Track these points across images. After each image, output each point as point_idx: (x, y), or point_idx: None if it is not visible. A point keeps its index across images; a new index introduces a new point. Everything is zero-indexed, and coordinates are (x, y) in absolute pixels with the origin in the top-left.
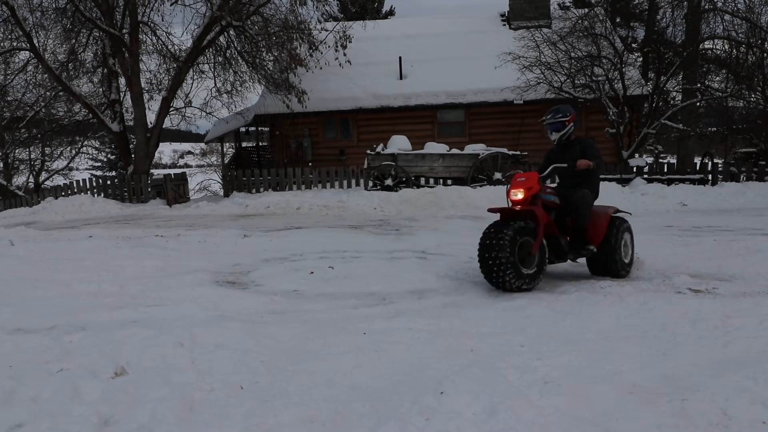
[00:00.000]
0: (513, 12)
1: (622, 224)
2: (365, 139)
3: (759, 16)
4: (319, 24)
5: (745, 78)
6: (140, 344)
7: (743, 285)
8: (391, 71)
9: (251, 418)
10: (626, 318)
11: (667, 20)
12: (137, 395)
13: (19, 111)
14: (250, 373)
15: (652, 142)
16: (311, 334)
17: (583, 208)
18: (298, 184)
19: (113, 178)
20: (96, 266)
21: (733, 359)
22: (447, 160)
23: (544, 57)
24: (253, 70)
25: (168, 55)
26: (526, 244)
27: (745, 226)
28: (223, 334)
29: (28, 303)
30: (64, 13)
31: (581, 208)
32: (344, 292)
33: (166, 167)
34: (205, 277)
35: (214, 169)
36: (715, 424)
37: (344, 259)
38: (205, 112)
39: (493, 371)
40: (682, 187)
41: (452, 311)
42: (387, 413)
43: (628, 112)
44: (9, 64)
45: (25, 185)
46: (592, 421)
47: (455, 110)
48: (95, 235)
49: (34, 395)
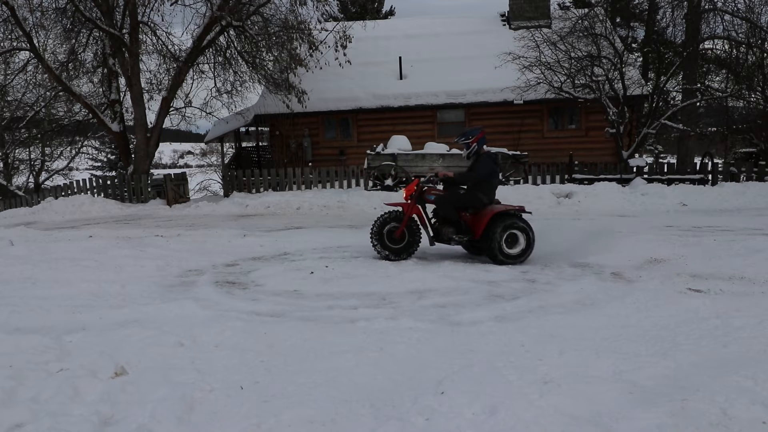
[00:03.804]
0: (513, 12)
1: (513, 222)
2: (365, 139)
3: (759, 16)
4: (319, 24)
5: (745, 78)
6: (140, 344)
7: (743, 285)
8: (391, 71)
9: (251, 418)
10: (626, 318)
11: (667, 20)
12: (137, 395)
13: (19, 111)
14: (250, 373)
15: (652, 142)
16: (311, 334)
17: (442, 207)
18: (298, 184)
19: (113, 178)
20: (96, 266)
21: (733, 359)
22: (447, 160)
23: (544, 57)
24: (253, 70)
25: (168, 55)
26: (394, 228)
27: (745, 226)
28: (223, 334)
29: (28, 303)
30: (64, 13)
31: (441, 207)
32: (344, 292)
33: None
34: (205, 277)
35: (214, 169)
36: (715, 424)
37: (344, 259)
38: (205, 112)
39: (493, 371)
40: (682, 187)
41: (452, 311)
42: (387, 413)
43: (628, 112)
44: (9, 64)
45: (25, 185)
46: (592, 421)
47: (455, 110)
48: (95, 235)
49: (34, 395)
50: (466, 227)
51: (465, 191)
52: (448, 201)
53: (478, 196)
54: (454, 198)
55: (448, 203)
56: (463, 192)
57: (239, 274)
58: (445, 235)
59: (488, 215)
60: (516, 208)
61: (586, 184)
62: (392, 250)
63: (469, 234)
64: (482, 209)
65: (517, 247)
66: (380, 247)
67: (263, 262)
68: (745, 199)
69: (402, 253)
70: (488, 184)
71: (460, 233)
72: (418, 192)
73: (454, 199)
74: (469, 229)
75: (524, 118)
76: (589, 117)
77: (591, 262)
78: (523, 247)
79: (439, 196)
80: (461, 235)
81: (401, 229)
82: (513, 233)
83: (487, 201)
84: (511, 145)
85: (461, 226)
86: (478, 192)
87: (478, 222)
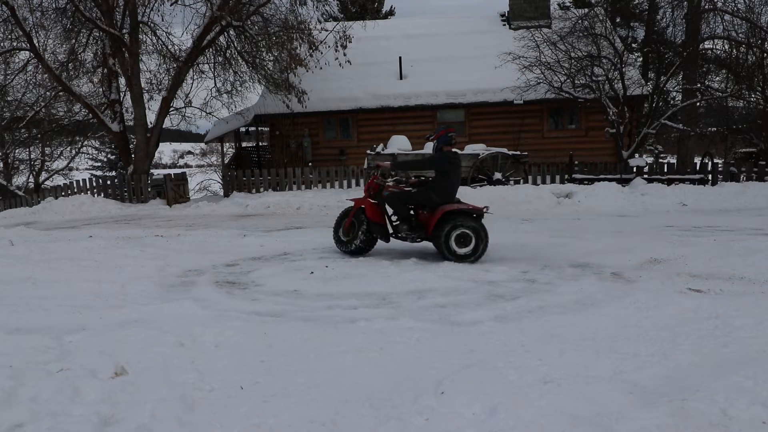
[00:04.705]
0: (513, 12)
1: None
2: (365, 139)
3: (759, 16)
4: (319, 24)
5: (745, 78)
6: (140, 344)
7: (743, 285)
8: (391, 71)
9: (251, 418)
10: (626, 318)
11: (667, 20)
12: (137, 395)
13: (19, 111)
14: (250, 373)
15: (652, 142)
16: (311, 334)
17: (392, 205)
18: (298, 184)
19: (113, 178)
20: (96, 266)
21: (733, 359)
22: None
23: (544, 57)
24: (253, 70)
25: (168, 55)
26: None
27: (745, 226)
28: (223, 334)
29: (28, 303)
30: (64, 13)
31: (392, 204)
32: (344, 292)
33: (166, 167)
34: (205, 277)
35: (214, 169)
36: (715, 424)
37: (344, 259)
38: (205, 112)
39: (493, 371)
40: (682, 187)
41: (452, 311)
42: (387, 413)
43: (628, 112)
44: (9, 64)
45: (25, 185)
46: (592, 421)
47: (455, 110)
48: (95, 235)
49: (34, 395)
50: (418, 224)
51: (417, 191)
52: (398, 199)
53: (430, 195)
54: (405, 196)
55: (398, 201)
56: (415, 191)
57: (239, 274)
58: (399, 231)
59: (438, 214)
60: (470, 208)
61: (586, 184)
62: (341, 242)
63: (421, 231)
64: (436, 208)
65: (467, 247)
66: (336, 239)
67: (263, 262)
68: (745, 199)
69: (349, 245)
70: (441, 185)
71: (413, 231)
72: (375, 188)
73: (404, 198)
74: (422, 226)
75: (524, 118)
76: (589, 117)
77: (591, 262)
78: (473, 247)
79: (391, 193)
80: (414, 233)
81: (348, 221)
82: (463, 232)
83: (440, 201)
84: (511, 145)
85: (412, 224)
86: (430, 192)
87: (430, 220)
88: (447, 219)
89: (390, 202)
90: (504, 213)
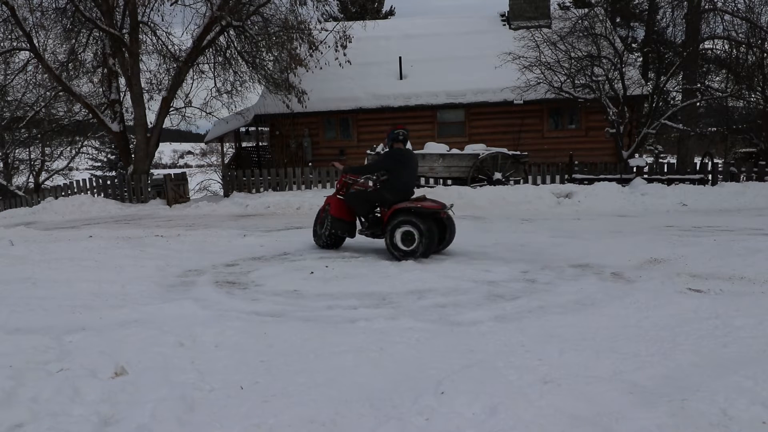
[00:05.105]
0: (513, 12)
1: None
2: (365, 139)
3: (759, 16)
4: (319, 24)
5: (745, 78)
6: (140, 344)
7: (743, 285)
8: (391, 71)
9: (251, 418)
10: (626, 318)
11: (667, 20)
12: (137, 395)
13: (19, 111)
14: (250, 373)
15: (652, 142)
16: (311, 334)
17: (351, 203)
18: (298, 184)
19: (113, 178)
20: (96, 266)
21: (733, 359)
22: (447, 160)
23: (544, 57)
24: (253, 70)
25: (168, 55)
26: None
27: (745, 226)
28: (223, 334)
29: (28, 303)
30: (64, 13)
31: (350, 202)
32: (344, 292)
33: (166, 167)
34: (205, 277)
35: (214, 169)
36: (715, 424)
37: (344, 259)
38: (205, 112)
39: (493, 371)
40: (682, 187)
41: (452, 311)
42: (387, 413)
43: (628, 112)
44: (9, 64)
45: (25, 185)
46: (592, 421)
47: (455, 110)
48: (95, 235)
49: (34, 395)
50: (377, 221)
51: (373, 189)
52: (356, 197)
53: (383, 194)
54: (363, 194)
55: (356, 199)
56: (371, 190)
57: (239, 274)
58: (362, 227)
59: (389, 211)
60: (420, 206)
61: (586, 184)
62: (316, 235)
63: (377, 228)
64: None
65: (410, 244)
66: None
67: (263, 262)
68: (745, 199)
69: (320, 239)
70: (391, 183)
71: (371, 227)
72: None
73: (363, 196)
74: (380, 223)
75: (524, 118)
76: (589, 117)
77: (591, 262)
78: (416, 244)
79: (353, 191)
80: (370, 230)
81: (319, 217)
82: (408, 230)
83: (392, 199)
84: (511, 145)
85: (370, 220)
86: (383, 191)
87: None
88: (396, 216)
89: (349, 200)
90: (504, 213)
